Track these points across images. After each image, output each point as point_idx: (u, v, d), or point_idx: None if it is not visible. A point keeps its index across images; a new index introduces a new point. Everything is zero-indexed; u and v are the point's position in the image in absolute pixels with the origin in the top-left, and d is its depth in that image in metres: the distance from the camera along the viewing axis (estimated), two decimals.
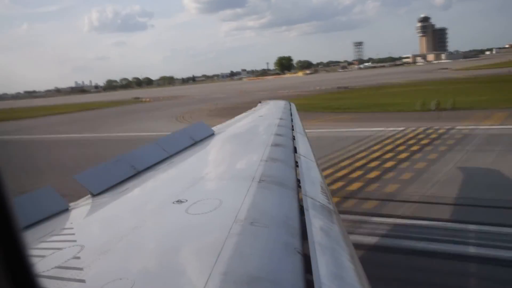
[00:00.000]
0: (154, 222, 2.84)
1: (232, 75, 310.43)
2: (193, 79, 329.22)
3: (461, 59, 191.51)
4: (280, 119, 8.04)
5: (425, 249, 8.16)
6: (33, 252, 2.54)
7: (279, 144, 5.27)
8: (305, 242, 2.29)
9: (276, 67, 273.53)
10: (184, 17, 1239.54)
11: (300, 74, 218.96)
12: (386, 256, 8.25)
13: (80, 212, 3.64)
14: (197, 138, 6.47)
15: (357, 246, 5.05)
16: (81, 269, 2.13)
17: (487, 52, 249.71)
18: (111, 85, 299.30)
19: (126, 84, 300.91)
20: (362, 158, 16.53)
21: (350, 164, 15.59)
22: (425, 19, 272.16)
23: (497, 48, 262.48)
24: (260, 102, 12.63)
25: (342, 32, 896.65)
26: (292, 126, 7.41)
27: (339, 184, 13.09)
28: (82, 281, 2.00)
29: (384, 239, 8.91)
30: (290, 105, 11.12)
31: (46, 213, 3.49)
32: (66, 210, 3.68)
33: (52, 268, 2.17)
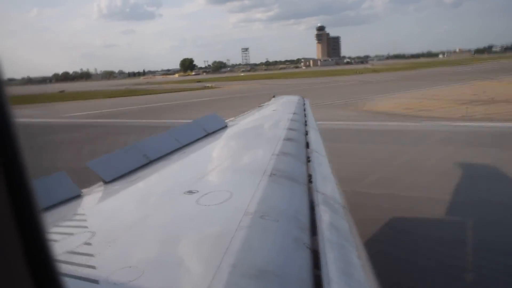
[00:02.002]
0: (165, 211, 2.85)
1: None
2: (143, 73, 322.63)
3: (331, 66, 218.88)
4: (294, 113, 7.95)
5: None
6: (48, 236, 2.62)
7: (291, 138, 5.24)
8: (314, 237, 2.29)
9: (180, 67, 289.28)
10: (192, 7, 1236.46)
11: (176, 75, 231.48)
12: None
13: (92, 199, 3.68)
14: (210, 130, 6.45)
15: None
16: (91, 255, 2.15)
17: (440, 56, 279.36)
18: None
19: (58, 78, 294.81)
20: None
21: None
22: (321, 28, 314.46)
23: (447, 52, 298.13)
24: (273, 97, 12.54)
25: (350, 27, 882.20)
26: (305, 121, 7.35)
27: None
28: (93, 267, 2.01)
29: None
30: (303, 100, 11.02)
31: (59, 199, 3.52)
32: (78, 196, 3.72)
33: (63, 253, 2.20)
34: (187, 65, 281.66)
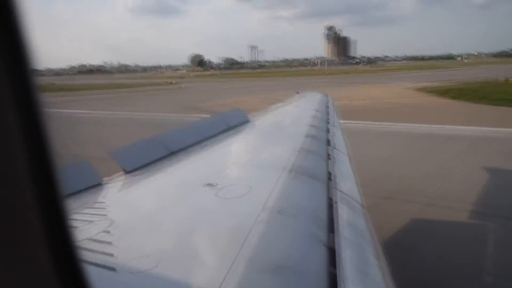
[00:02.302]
0: (183, 203, 2.85)
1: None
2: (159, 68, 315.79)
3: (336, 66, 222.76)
4: (316, 111, 7.96)
5: None
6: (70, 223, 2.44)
7: (313, 135, 5.21)
8: (332, 235, 2.27)
9: (191, 63, 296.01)
10: (217, 3, 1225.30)
11: (184, 71, 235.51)
12: None
13: (113, 188, 3.67)
14: (232, 124, 6.42)
15: None
16: (110, 243, 2.16)
17: (458, 58, 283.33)
18: None
19: (74, 71, 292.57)
20: None
21: None
22: (330, 29, 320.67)
23: (466, 54, 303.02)
24: (297, 93, 12.47)
25: (376, 27, 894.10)
26: (328, 118, 7.33)
27: None
28: (110, 254, 2.02)
29: None
30: (327, 98, 10.98)
31: (80, 186, 3.51)
32: (99, 184, 3.70)
33: (82, 240, 2.21)
34: (198, 61, 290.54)
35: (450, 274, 6.44)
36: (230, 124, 6.33)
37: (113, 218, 2.57)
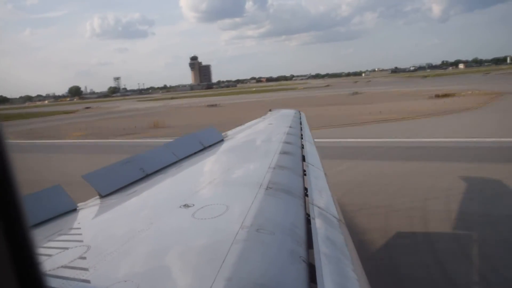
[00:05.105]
0: (160, 225, 2.84)
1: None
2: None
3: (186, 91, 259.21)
4: (290, 127, 8.02)
5: None
6: (40, 251, 2.55)
7: (287, 152, 5.27)
8: (311, 250, 2.29)
9: (69, 93, 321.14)
10: (184, 25, 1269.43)
11: (46, 102, 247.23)
12: None
13: (88, 213, 3.65)
14: (207, 144, 6.46)
15: None
16: (86, 269, 2.13)
17: (363, 74, 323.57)
18: None
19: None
20: None
21: None
22: (194, 58, 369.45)
23: (368, 71, 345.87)
24: (270, 110, 12.59)
25: (341, 42, 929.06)
26: (301, 134, 7.40)
27: None
28: (87, 281, 2.00)
29: None
30: (300, 114, 11.11)
31: (54, 212, 3.50)
32: (74, 210, 3.69)
33: (57, 268, 2.18)
34: (74, 91, 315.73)
35: None
36: (205, 143, 6.37)
37: (89, 244, 2.55)
